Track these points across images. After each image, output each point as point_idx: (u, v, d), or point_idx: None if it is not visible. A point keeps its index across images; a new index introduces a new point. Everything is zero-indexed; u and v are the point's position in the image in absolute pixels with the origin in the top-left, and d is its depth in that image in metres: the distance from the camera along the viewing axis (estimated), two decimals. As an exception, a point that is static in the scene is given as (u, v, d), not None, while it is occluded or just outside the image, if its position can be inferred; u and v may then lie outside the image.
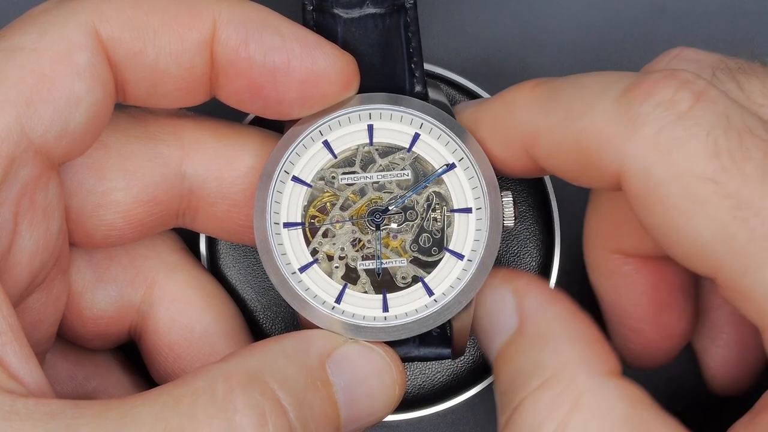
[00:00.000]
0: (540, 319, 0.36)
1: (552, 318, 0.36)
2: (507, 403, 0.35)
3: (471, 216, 0.38)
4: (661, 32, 0.48)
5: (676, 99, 0.33)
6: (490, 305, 0.37)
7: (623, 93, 0.34)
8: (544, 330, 0.36)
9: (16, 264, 0.35)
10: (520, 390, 0.35)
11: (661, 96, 0.33)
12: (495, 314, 0.37)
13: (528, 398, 0.34)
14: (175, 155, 0.39)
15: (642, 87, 0.33)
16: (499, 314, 0.37)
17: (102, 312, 0.40)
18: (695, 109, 0.33)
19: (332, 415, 0.35)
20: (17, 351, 0.33)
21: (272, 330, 0.45)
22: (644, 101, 0.33)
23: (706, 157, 0.32)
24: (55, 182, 0.36)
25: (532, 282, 0.37)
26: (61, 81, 0.34)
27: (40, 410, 0.31)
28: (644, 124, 0.33)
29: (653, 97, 0.33)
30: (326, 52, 0.37)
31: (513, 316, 0.36)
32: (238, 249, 0.45)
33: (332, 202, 0.38)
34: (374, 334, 0.37)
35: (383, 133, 0.39)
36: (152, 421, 0.31)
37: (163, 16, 0.36)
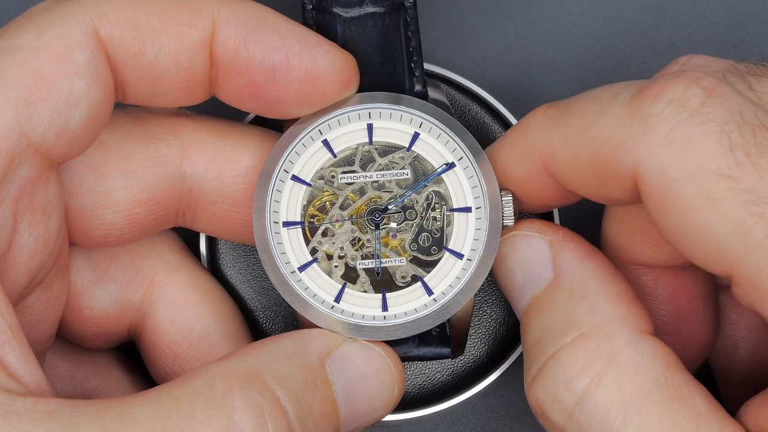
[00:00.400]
0: (577, 273, 0.36)
1: (589, 273, 0.36)
2: (538, 354, 0.35)
3: (470, 215, 0.38)
4: (662, 34, 0.48)
5: (686, 96, 0.33)
6: (525, 254, 0.37)
7: (633, 96, 0.33)
8: (581, 284, 0.35)
9: (16, 263, 0.35)
10: (555, 341, 0.35)
11: (671, 94, 0.33)
12: (529, 264, 0.37)
13: (563, 350, 0.34)
14: (174, 155, 0.39)
15: (652, 88, 0.33)
16: (533, 264, 0.37)
17: (102, 311, 0.40)
18: (706, 105, 0.32)
19: (332, 415, 0.35)
20: (16, 350, 0.33)
21: (272, 329, 0.45)
22: (654, 101, 0.33)
23: (720, 154, 0.32)
24: (55, 181, 0.36)
25: (570, 235, 0.37)
26: (61, 80, 0.34)
27: (39, 409, 0.31)
28: (656, 123, 0.33)
29: (663, 97, 0.33)
30: (326, 51, 0.37)
31: (548, 268, 0.36)
32: (238, 249, 0.45)
33: (332, 201, 0.38)
34: (374, 333, 0.37)
35: (383, 132, 0.39)
36: (151, 421, 0.31)
37: (162, 16, 0.36)
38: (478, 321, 0.45)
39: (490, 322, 0.45)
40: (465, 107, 0.46)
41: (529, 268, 0.37)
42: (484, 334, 0.45)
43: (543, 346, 0.35)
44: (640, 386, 0.33)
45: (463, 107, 0.46)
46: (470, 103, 0.46)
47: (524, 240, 0.37)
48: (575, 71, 0.48)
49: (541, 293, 0.36)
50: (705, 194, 0.32)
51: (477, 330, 0.45)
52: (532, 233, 0.37)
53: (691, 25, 0.48)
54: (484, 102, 0.46)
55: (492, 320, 0.45)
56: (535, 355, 0.35)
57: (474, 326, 0.45)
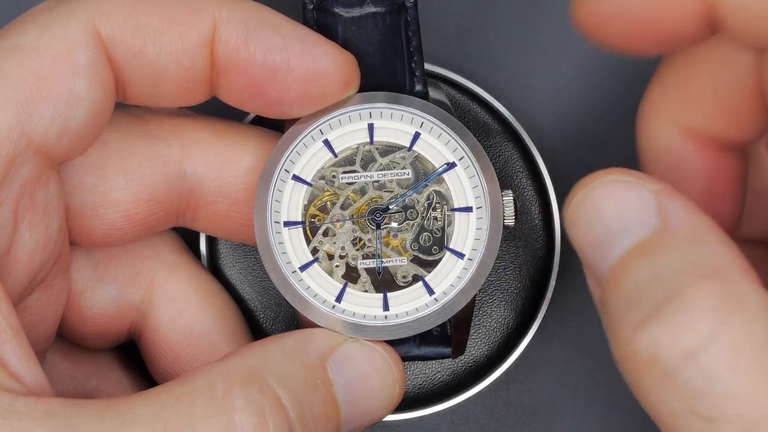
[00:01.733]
0: (689, 223, 0.33)
1: (702, 224, 0.33)
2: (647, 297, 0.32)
3: (471, 215, 0.38)
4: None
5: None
6: (625, 201, 0.33)
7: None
8: (696, 232, 0.32)
9: (16, 263, 0.35)
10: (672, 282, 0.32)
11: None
12: (631, 210, 0.33)
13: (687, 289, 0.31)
14: (175, 154, 0.39)
15: None
16: (636, 210, 0.33)
17: (102, 311, 0.40)
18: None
19: (332, 414, 0.35)
20: (17, 350, 0.33)
21: (272, 329, 0.45)
22: None
23: None
24: (55, 181, 0.36)
25: (674, 189, 0.34)
26: (62, 80, 0.34)
27: (39, 409, 0.31)
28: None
29: None
30: (326, 51, 0.37)
31: (653, 216, 0.33)
32: (238, 248, 0.45)
33: (333, 201, 0.38)
34: (374, 333, 0.37)
35: (384, 132, 0.39)
36: (151, 420, 0.31)
37: (163, 15, 0.36)
38: (479, 321, 0.45)
39: (491, 322, 0.45)
40: (465, 107, 0.46)
41: (631, 214, 0.33)
42: (485, 334, 0.45)
43: (655, 288, 0.32)
44: None
45: (463, 107, 0.46)
46: (470, 103, 0.46)
47: (624, 186, 0.33)
48: (575, 71, 0.48)
49: (647, 239, 0.33)
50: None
51: (477, 330, 0.45)
52: (633, 179, 0.34)
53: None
54: (484, 102, 0.46)
55: (492, 320, 0.45)
56: (643, 298, 0.32)
57: (474, 326, 0.45)
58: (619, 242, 0.33)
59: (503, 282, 0.45)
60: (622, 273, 0.33)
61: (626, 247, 0.33)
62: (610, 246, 0.33)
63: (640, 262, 0.33)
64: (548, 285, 0.45)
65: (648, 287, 0.32)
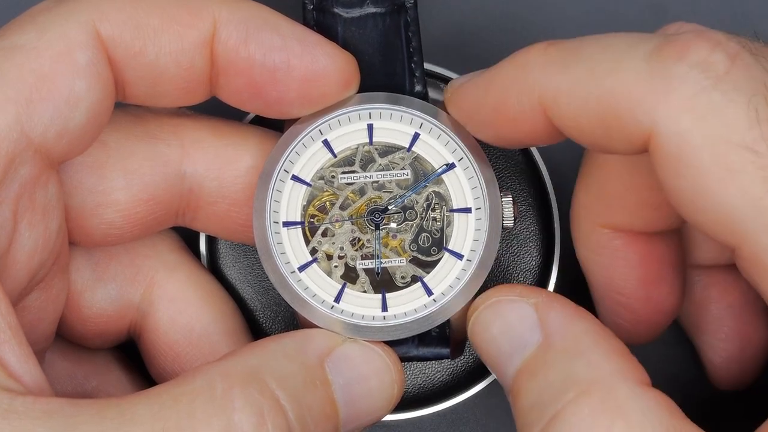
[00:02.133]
0: (568, 333, 0.34)
1: (581, 331, 0.34)
2: (538, 417, 0.33)
3: (470, 216, 0.38)
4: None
5: (711, 60, 0.32)
6: (509, 320, 0.36)
7: (654, 51, 0.32)
8: (574, 343, 0.34)
9: (16, 263, 0.35)
10: (555, 401, 0.33)
11: (695, 56, 0.32)
12: (515, 328, 0.35)
13: (566, 409, 0.33)
14: (175, 154, 0.39)
15: (674, 46, 0.32)
16: (519, 329, 0.35)
17: (101, 311, 0.40)
18: (732, 73, 0.31)
19: (331, 414, 0.35)
20: (16, 350, 0.33)
21: (272, 329, 0.45)
22: (678, 61, 0.32)
23: (746, 125, 0.31)
24: (55, 181, 0.36)
25: (554, 297, 0.36)
26: (61, 80, 0.34)
27: (38, 409, 0.31)
28: (679, 85, 0.31)
29: (688, 57, 0.32)
30: (326, 52, 0.37)
31: (535, 331, 0.35)
32: (237, 248, 0.45)
33: (332, 202, 0.38)
34: (373, 333, 0.37)
35: (383, 133, 0.39)
36: (151, 420, 0.31)
37: (162, 16, 0.36)
38: (478, 321, 0.45)
39: (490, 322, 0.45)
40: (465, 107, 0.46)
41: (515, 332, 0.35)
42: (484, 334, 0.45)
43: (542, 409, 0.33)
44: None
45: (464, 107, 0.46)
46: (470, 103, 0.46)
47: (507, 305, 0.36)
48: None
49: (531, 357, 0.35)
50: (725, 165, 0.31)
51: (477, 330, 0.45)
52: (514, 297, 0.36)
53: (688, 18, 0.48)
54: (484, 102, 0.46)
55: (492, 320, 0.45)
56: (534, 418, 0.34)
57: (474, 326, 0.45)
58: (511, 361, 0.35)
59: (502, 282, 0.45)
60: (516, 394, 0.35)
61: (516, 366, 0.35)
62: (505, 365, 0.35)
63: (528, 382, 0.34)
64: (547, 285, 0.45)
65: (535, 407, 0.34)
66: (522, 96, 0.35)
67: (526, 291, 0.36)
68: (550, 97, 0.34)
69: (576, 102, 0.34)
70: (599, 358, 0.34)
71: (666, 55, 0.32)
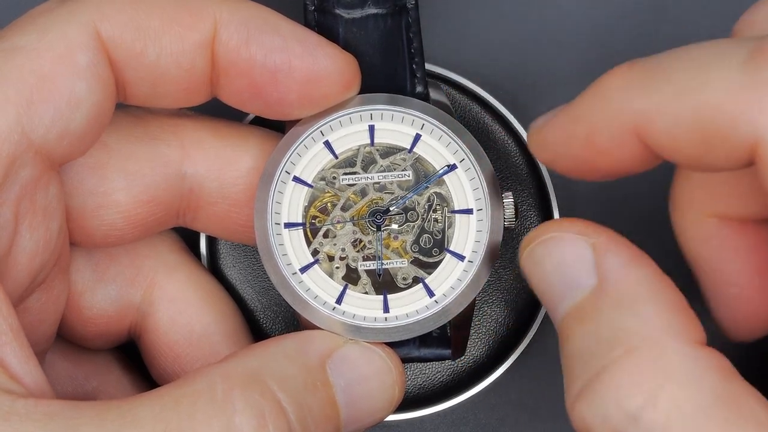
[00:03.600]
0: (623, 281, 0.33)
1: (637, 280, 0.33)
2: (583, 368, 0.32)
3: (472, 217, 0.38)
4: (663, 34, 0.48)
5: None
6: (564, 258, 0.34)
7: (748, 59, 0.31)
8: (629, 292, 0.33)
9: (17, 264, 0.35)
10: (601, 356, 0.32)
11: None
12: (570, 269, 0.34)
13: (611, 366, 0.32)
14: (175, 155, 0.39)
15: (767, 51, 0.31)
16: (574, 270, 0.34)
17: (102, 312, 0.40)
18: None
19: (332, 416, 0.35)
20: (17, 351, 0.33)
21: (272, 330, 0.45)
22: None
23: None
24: (56, 182, 0.36)
25: (615, 238, 0.34)
26: (62, 81, 0.34)
27: (39, 411, 0.31)
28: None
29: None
30: (327, 53, 0.37)
31: (591, 274, 0.33)
32: (238, 249, 0.45)
33: (333, 203, 0.38)
34: (374, 335, 0.37)
35: (384, 134, 0.39)
36: (152, 422, 0.31)
37: (163, 17, 0.36)
38: (478, 321, 0.45)
39: (490, 322, 0.45)
40: (465, 107, 0.46)
41: (569, 273, 0.34)
42: (484, 334, 0.45)
43: (588, 360, 0.32)
44: (700, 403, 0.31)
45: (464, 107, 0.46)
46: (470, 104, 0.46)
47: (564, 242, 0.34)
48: (576, 71, 0.48)
49: (583, 301, 0.33)
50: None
51: (477, 330, 0.45)
52: (573, 235, 0.34)
53: (691, 25, 0.48)
54: (484, 102, 0.46)
55: (492, 320, 0.45)
56: (579, 369, 0.33)
57: (474, 326, 0.45)
58: (562, 302, 0.34)
59: (503, 282, 0.45)
60: (564, 338, 0.34)
61: (566, 308, 0.34)
62: (556, 305, 0.34)
63: (577, 328, 0.33)
64: (548, 285, 0.45)
65: (582, 357, 0.33)
66: (612, 124, 0.33)
67: (586, 228, 0.34)
68: (642, 120, 0.33)
69: (672, 121, 0.32)
70: (652, 312, 0.32)
71: (760, 62, 0.31)
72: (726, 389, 0.31)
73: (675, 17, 0.48)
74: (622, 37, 0.48)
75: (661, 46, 0.48)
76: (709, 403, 0.31)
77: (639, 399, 0.31)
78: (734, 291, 0.39)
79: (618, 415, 0.31)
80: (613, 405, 0.31)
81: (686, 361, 0.31)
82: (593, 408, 0.32)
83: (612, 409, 0.31)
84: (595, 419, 0.32)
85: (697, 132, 0.32)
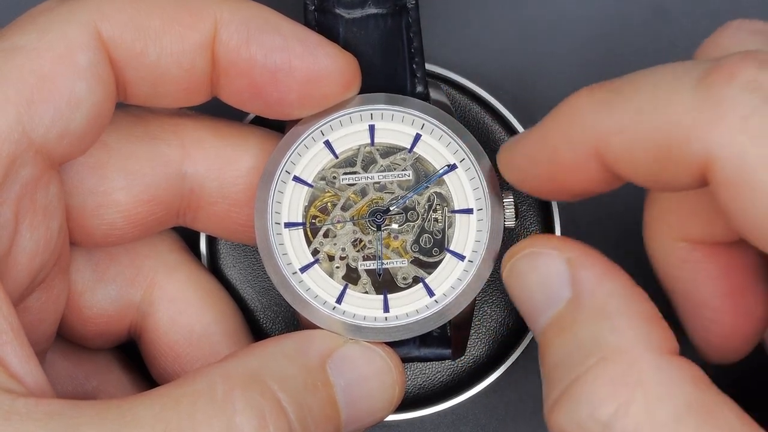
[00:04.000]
0: (597, 293, 0.34)
1: (610, 292, 0.34)
2: (560, 378, 0.33)
3: (472, 217, 0.38)
4: (663, 34, 0.48)
5: (759, 80, 0.31)
6: (542, 273, 0.35)
7: (701, 79, 0.31)
8: (602, 304, 0.34)
9: (17, 263, 0.35)
10: (576, 366, 0.33)
11: (743, 77, 0.31)
12: (547, 283, 0.35)
13: (585, 375, 0.32)
14: (175, 155, 0.39)
15: (722, 70, 0.31)
16: (551, 283, 0.35)
17: (102, 311, 0.40)
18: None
19: (332, 416, 0.35)
20: (17, 351, 0.33)
21: (272, 330, 0.45)
22: (726, 84, 0.31)
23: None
24: (56, 182, 0.36)
25: (588, 252, 0.35)
26: (62, 81, 0.34)
27: (40, 410, 0.31)
28: (731, 108, 0.31)
29: (735, 80, 0.31)
30: (328, 53, 0.37)
31: (566, 287, 0.34)
32: (238, 248, 0.45)
33: (333, 203, 0.38)
34: (375, 334, 0.37)
35: (384, 134, 0.39)
36: (152, 422, 0.31)
37: (164, 17, 0.36)
38: (479, 321, 0.45)
39: (491, 322, 0.45)
40: (465, 107, 0.46)
41: (546, 287, 0.35)
42: (485, 334, 0.45)
43: (564, 370, 0.33)
44: (671, 411, 0.31)
45: (464, 107, 0.46)
46: (470, 104, 0.46)
47: (541, 258, 0.35)
48: (576, 72, 0.48)
49: (560, 313, 0.34)
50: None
51: (477, 330, 0.45)
52: (548, 251, 0.35)
53: (692, 25, 0.48)
54: (484, 102, 0.46)
55: (492, 320, 0.45)
56: (557, 378, 0.33)
57: (474, 326, 0.45)
58: (542, 314, 0.35)
59: (503, 282, 0.45)
60: (544, 347, 0.34)
61: (546, 321, 0.35)
62: (537, 318, 0.35)
63: (555, 339, 0.34)
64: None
65: (559, 367, 0.33)
66: (574, 143, 0.34)
67: (562, 244, 0.35)
68: (601, 140, 0.33)
69: (628, 142, 0.33)
70: (625, 322, 0.33)
71: (713, 81, 0.31)
72: (699, 398, 0.31)
73: (675, 17, 0.48)
74: (622, 37, 0.48)
75: (661, 46, 0.48)
76: (681, 411, 0.31)
77: (611, 407, 0.32)
78: (708, 314, 0.39)
79: (591, 423, 0.32)
80: (586, 413, 0.32)
81: (658, 370, 0.32)
82: (568, 416, 0.32)
83: (585, 417, 0.32)
84: (569, 426, 0.32)
85: (652, 151, 0.32)
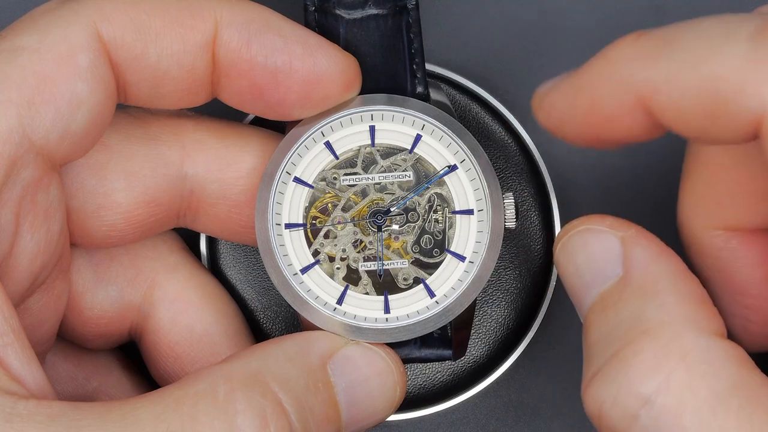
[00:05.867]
0: (647, 272, 0.34)
1: (660, 272, 0.34)
2: (600, 352, 0.33)
3: (472, 217, 0.38)
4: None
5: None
6: (594, 250, 0.35)
7: (757, 32, 0.31)
8: (652, 283, 0.33)
9: (18, 265, 0.35)
10: (618, 339, 0.32)
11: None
12: (598, 260, 0.35)
13: (625, 349, 0.32)
14: (176, 156, 0.39)
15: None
16: (602, 261, 0.34)
17: (102, 312, 0.40)
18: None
19: (333, 417, 0.35)
20: (18, 352, 0.33)
21: (273, 330, 0.45)
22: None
23: None
24: (57, 183, 0.36)
25: (642, 233, 0.35)
26: (63, 82, 0.34)
27: (41, 412, 0.31)
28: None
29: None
30: (328, 53, 0.37)
31: (618, 265, 0.34)
32: (238, 249, 0.45)
33: (334, 203, 0.38)
34: (375, 335, 0.37)
35: (385, 134, 0.39)
36: (153, 423, 0.31)
37: (164, 18, 0.36)
38: (479, 321, 0.45)
39: (491, 323, 0.45)
40: (465, 107, 0.46)
41: (598, 264, 0.34)
42: (485, 334, 0.45)
43: (605, 345, 0.33)
44: (714, 389, 0.31)
45: (464, 107, 0.46)
46: (470, 103, 0.46)
47: (595, 235, 0.35)
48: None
49: (608, 291, 0.34)
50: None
51: (477, 330, 0.45)
52: (603, 228, 0.35)
53: (688, 19, 0.48)
54: (484, 102, 0.46)
55: (492, 320, 0.45)
56: (597, 353, 0.33)
57: (474, 326, 0.45)
58: (589, 293, 0.35)
59: (503, 282, 0.45)
60: (588, 325, 0.34)
61: (593, 298, 0.34)
62: (583, 296, 0.35)
63: (599, 316, 0.34)
64: (548, 285, 0.45)
65: (600, 343, 0.33)
66: (617, 92, 0.34)
67: (616, 223, 0.35)
68: (648, 89, 0.33)
69: (677, 92, 0.32)
70: (673, 301, 0.33)
71: None
72: (743, 379, 0.31)
73: (675, 17, 0.48)
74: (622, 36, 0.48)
75: (660, 46, 0.48)
76: (724, 390, 0.31)
77: (652, 382, 0.31)
78: (747, 301, 0.39)
79: (630, 397, 0.31)
80: (625, 388, 0.31)
81: (703, 348, 0.31)
82: (605, 392, 0.32)
83: (624, 392, 0.31)
84: (606, 400, 0.32)
85: (702, 103, 0.32)
